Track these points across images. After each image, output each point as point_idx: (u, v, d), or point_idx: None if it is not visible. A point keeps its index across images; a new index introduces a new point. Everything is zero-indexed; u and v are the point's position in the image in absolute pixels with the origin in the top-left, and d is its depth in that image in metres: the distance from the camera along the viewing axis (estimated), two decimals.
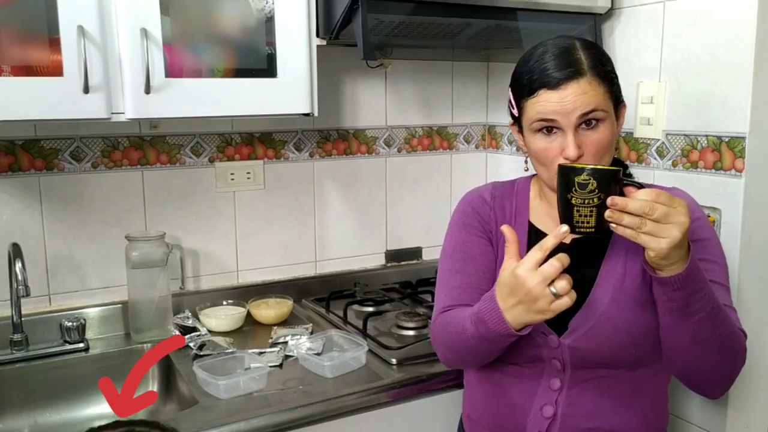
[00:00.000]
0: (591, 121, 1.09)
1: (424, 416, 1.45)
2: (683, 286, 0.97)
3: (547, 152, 1.11)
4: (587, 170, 0.97)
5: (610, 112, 1.11)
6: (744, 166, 1.39)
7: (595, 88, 1.08)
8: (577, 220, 0.99)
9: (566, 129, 1.08)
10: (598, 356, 1.11)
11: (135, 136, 1.72)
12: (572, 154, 1.07)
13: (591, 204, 0.97)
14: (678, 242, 0.92)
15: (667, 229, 0.92)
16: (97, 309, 1.69)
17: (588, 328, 1.10)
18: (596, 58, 1.10)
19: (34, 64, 1.30)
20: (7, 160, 1.59)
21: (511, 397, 1.18)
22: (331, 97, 1.93)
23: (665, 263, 0.95)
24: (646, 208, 0.92)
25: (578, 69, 1.08)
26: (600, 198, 0.96)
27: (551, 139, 1.10)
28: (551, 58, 1.09)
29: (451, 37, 1.71)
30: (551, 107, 1.08)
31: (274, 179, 1.90)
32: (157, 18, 1.36)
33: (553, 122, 1.09)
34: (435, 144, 2.13)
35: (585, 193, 0.97)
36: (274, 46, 1.49)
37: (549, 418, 1.14)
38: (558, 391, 1.14)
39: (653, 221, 0.92)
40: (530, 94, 1.11)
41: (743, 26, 1.36)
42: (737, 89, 1.38)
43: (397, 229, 2.11)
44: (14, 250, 1.47)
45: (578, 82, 1.07)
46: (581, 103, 1.07)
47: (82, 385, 1.56)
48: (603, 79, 1.09)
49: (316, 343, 1.54)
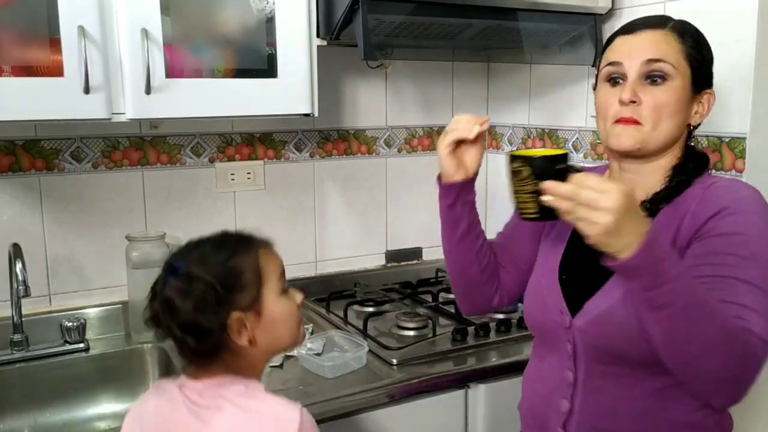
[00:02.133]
0: (657, 78, 1.05)
1: (424, 416, 1.45)
2: (636, 277, 0.90)
3: (606, 100, 1.08)
4: (520, 157, 0.98)
5: (681, 72, 1.05)
6: (744, 167, 1.39)
7: (670, 43, 1.05)
8: (520, 207, 1.01)
9: (630, 73, 1.05)
10: (608, 346, 1.06)
11: (135, 137, 1.72)
12: (626, 97, 1.04)
13: (527, 190, 0.98)
14: (612, 229, 0.86)
15: (597, 214, 0.87)
16: (97, 309, 1.69)
17: (599, 312, 1.07)
18: (684, 24, 1.09)
19: (35, 65, 1.30)
20: (7, 161, 1.59)
21: (538, 388, 1.19)
22: (331, 97, 1.93)
23: (610, 250, 0.89)
24: (574, 192, 0.88)
25: (660, 20, 1.08)
26: (536, 184, 0.96)
27: (614, 91, 1.07)
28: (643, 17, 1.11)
29: (451, 37, 1.71)
30: (621, 49, 1.08)
31: (275, 179, 1.90)
32: (158, 18, 1.36)
33: (619, 67, 1.07)
34: (435, 144, 2.13)
35: (519, 180, 0.98)
36: (274, 46, 1.49)
37: (565, 413, 1.11)
38: (573, 385, 1.10)
39: (584, 206, 0.88)
40: (609, 42, 1.12)
41: (744, 27, 1.36)
42: (738, 90, 1.38)
43: (397, 229, 2.11)
44: (15, 251, 1.47)
45: (653, 32, 1.06)
46: (649, 48, 1.04)
47: (83, 385, 1.56)
48: (684, 39, 1.06)
49: (317, 343, 1.54)
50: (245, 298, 0.97)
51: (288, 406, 0.97)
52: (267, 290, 0.99)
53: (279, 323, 1.00)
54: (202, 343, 0.95)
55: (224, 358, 0.99)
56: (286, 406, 0.97)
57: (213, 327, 0.94)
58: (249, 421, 0.95)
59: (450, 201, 1.18)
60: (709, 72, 1.10)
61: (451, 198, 1.17)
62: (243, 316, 0.96)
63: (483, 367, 1.49)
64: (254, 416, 0.95)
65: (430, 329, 1.63)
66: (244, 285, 0.97)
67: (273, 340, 1.01)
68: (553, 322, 1.13)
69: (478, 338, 1.60)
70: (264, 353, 1.02)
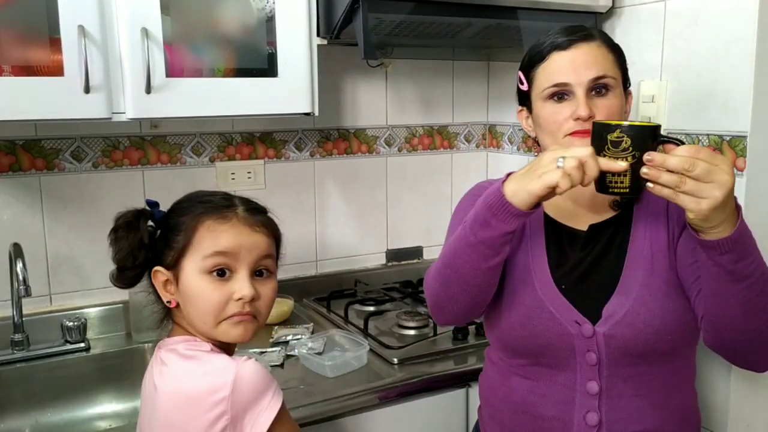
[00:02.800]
0: (602, 89, 1.08)
1: (425, 415, 1.45)
2: (729, 251, 0.89)
3: (556, 116, 1.09)
4: (621, 127, 0.92)
5: (619, 82, 1.10)
6: (745, 165, 1.38)
7: (605, 55, 1.09)
8: (610, 180, 0.94)
9: (577, 91, 1.07)
10: (635, 345, 1.05)
11: (135, 136, 1.72)
12: (584, 113, 1.05)
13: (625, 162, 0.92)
14: (720, 203, 0.85)
15: (708, 188, 0.84)
16: (98, 309, 1.69)
17: (623, 314, 1.05)
18: (600, 31, 1.14)
19: (35, 64, 1.29)
20: (7, 160, 1.59)
21: (546, 409, 1.10)
22: (331, 96, 1.93)
23: (707, 225, 0.88)
24: (686, 164, 0.85)
25: (589, 33, 1.10)
26: (635, 156, 0.91)
27: (562, 105, 1.09)
28: (561, 29, 1.12)
29: (451, 36, 1.71)
30: (563, 67, 1.08)
31: (275, 179, 1.90)
32: (158, 18, 1.36)
33: (564, 86, 1.08)
34: (436, 143, 2.13)
35: (618, 152, 0.92)
36: (274, 45, 1.49)
37: (595, 426, 1.07)
38: (597, 395, 1.07)
39: (693, 179, 0.85)
40: (541, 59, 1.11)
41: (744, 25, 1.36)
42: (738, 88, 1.38)
43: (397, 228, 2.11)
44: (15, 250, 1.47)
45: (589, 45, 1.09)
46: (593, 65, 1.07)
47: (83, 384, 1.56)
48: (612, 48, 1.11)
49: (317, 342, 1.54)
50: (167, 257, 0.99)
51: (230, 359, 0.96)
52: (187, 261, 0.97)
53: (191, 300, 0.98)
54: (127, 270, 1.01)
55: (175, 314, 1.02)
56: (228, 359, 0.96)
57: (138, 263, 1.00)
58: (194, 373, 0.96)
59: (515, 227, 0.99)
60: (627, 74, 1.16)
61: (518, 224, 0.99)
62: (164, 273, 0.99)
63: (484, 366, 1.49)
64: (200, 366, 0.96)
65: (431, 328, 1.63)
66: (172, 244, 0.99)
67: (189, 314, 0.99)
68: (566, 336, 1.07)
69: (478, 337, 1.60)
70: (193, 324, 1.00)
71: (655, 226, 1.11)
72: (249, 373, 0.94)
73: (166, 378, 0.97)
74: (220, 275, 0.96)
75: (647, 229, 1.11)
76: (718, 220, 0.88)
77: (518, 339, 1.12)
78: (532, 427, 1.12)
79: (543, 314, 1.09)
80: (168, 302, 1.00)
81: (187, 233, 0.98)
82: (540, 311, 1.09)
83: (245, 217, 1.00)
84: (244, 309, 0.96)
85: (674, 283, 1.07)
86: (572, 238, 1.15)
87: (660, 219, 1.11)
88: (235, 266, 0.97)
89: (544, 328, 1.08)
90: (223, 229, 0.97)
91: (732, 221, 0.89)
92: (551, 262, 1.13)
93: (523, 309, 1.11)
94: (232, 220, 0.98)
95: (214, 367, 0.95)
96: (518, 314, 1.11)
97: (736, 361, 1.07)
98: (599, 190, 0.97)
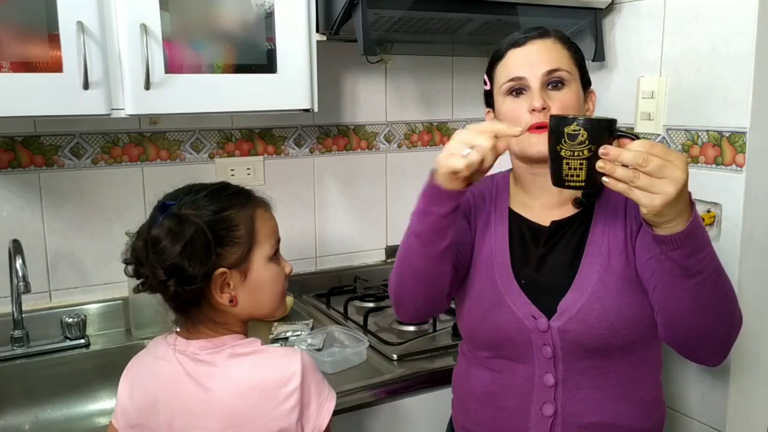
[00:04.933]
0: (558, 84, 1.11)
1: (424, 412, 1.45)
2: (682, 246, 0.90)
3: (514, 111, 1.12)
4: (578, 120, 0.92)
5: (575, 76, 1.13)
6: (745, 161, 1.38)
7: (559, 50, 1.13)
8: (566, 174, 0.94)
9: (533, 84, 1.10)
10: (589, 340, 1.08)
11: (135, 132, 1.72)
12: (537, 104, 1.08)
13: (581, 156, 0.92)
14: (672, 199, 0.85)
15: (661, 184, 0.85)
16: (97, 305, 1.69)
17: (577, 310, 1.08)
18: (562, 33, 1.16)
19: (34, 60, 1.29)
20: (6, 157, 1.59)
21: (506, 400, 1.15)
22: (331, 92, 1.93)
23: (660, 221, 0.89)
24: (639, 159, 0.85)
25: (543, 31, 1.14)
26: (591, 150, 0.90)
27: (519, 100, 1.12)
28: (520, 31, 1.16)
29: (451, 32, 1.71)
30: (519, 62, 1.12)
31: (275, 175, 1.90)
32: (157, 13, 1.36)
33: (520, 80, 1.11)
34: (435, 139, 2.13)
35: (575, 145, 0.92)
36: (273, 41, 1.49)
37: (550, 417, 1.11)
38: (554, 387, 1.11)
39: (647, 174, 0.86)
40: (500, 57, 1.16)
41: (744, 21, 1.36)
42: (738, 84, 1.38)
43: (397, 224, 2.10)
44: (15, 247, 1.47)
45: (543, 41, 1.13)
46: (546, 59, 1.11)
47: (83, 381, 1.56)
48: (568, 45, 1.15)
49: (317, 338, 1.54)
50: (234, 255, 0.95)
51: (288, 349, 1.00)
52: (258, 252, 0.97)
53: (263, 288, 0.99)
54: (183, 290, 0.92)
55: (206, 314, 0.98)
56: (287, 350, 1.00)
57: (197, 275, 0.92)
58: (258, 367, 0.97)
59: (449, 208, 1.03)
60: (586, 70, 1.18)
61: (451, 205, 1.03)
62: (228, 273, 0.95)
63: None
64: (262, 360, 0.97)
65: (430, 325, 1.63)
66: (236, 241, 0.95)
67: (254, 305, 1.00)
68: (524, 330, 1.11)
69: None
70: (243, 315, 1.01)
71: (614, 223, 1.13)
72: (310, 362, 0.98)
73: (221, 377, 0.96)
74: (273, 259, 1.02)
75: (606, 225, 1.13)
76: (670, 216, 0.88)
77: (479, 332, 1.16)
78: (495, 418, 1.16)
79: (502, 308, 1.12)
80: (230, 302, 0.97)
81: (247, 226, 0.98)
82: (499, 305, 1.13)
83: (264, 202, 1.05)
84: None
85: (631, 278, 1.09)
86: (535, 233, 1.17)
87: (619, 215, 1.13)
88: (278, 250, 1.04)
89: (503, 321, 1.12)
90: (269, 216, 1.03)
91: (685, 216, 0.89)
92: (513, 256, 1.16)
93: (484, 302, 1.15)
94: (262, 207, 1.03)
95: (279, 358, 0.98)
96: (479, 307, 1.15)
97: (689, 356, 1.08)
98: (555, 184, 0.97)
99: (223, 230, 0.95)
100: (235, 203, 0.98)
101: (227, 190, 1.01)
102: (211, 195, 0.99)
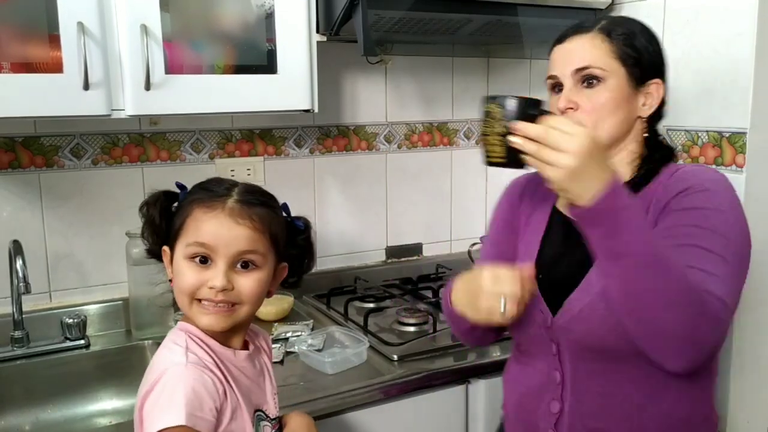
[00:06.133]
0: (591, 81, 1.08)
1: (425, 412, 1.45)
2: (597, 224, 0.90)
3: (553, 107, 1.11)
4: (497, 98, 0.96)
5: (614, 72, 1.07)
6: (745, 162, 1.38)
7: (596, 46, 1.08)
8: (488, 150, 0.99)
9: (565, 82, 1.09)
10: (591, 341, 1.06)
11: (135, 133, 1.72)
12: (562, 106, 1.07)
13: (497, 132, 0.96)
14: (572, 172, 0.87)
15: (561, 157, 0.87)
16: (97, 306, 1.69)
17: (580, 309, 1.06)
18: (614, 21, 1.11)
19: (34, 61, 1.30)
20: (7, 157, 1.59)
21: (526, 388, 1.18)
22: (331, 93, 1.93)
23: (568, 195, 0.90)
24: (542, 132, 0.88)
25: (584, 26, 1.10)
26: (506, 127, 0.94)
27: (557, 97, 1.11)
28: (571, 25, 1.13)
29: (451, 32, 1.71)
30: (556, 60, 1.11)
31: (275, 176, 1.90)
32: (157, 14, 1.36)
33: (554, 79, 1.11)
34: (435, 140, 2.13)
35: (493, 121, 0.96)
36: (274, 42, 1.49)
37: (556, 414, 1.11)
38: (560, 384, 1.10)
39: (549, 148, 0.88)
40: (549, 53, 1.14)
41: (744, 21, 1.36)
42: (738, 85, 1.38)
43: (397, 225, 2.11)
44: (15, 247, 1.47)
45: (582, 37, 1.09)
46: (578, 56, 1.08)
47: (83, 381, 1.56)
48: (612, 39, 1.08)
49: (317, 339, 1.54)
50: (171, 239, 1.01)
51: (171, 361, 0.95)
52: (178, 244, 0.99)
53: (174, 280, 1.00)
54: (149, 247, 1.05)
55: None
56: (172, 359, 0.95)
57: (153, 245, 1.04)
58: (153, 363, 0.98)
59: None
60: (653, 63, 1.11)
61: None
62: (166, 252, 1.02)
63: (483, 363, 1.49)
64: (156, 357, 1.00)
65: (431, 325, 1.63)
66: (174, 228, 1.01)
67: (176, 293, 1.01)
68: (534, 323, 1.12)
69: None
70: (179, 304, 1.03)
71: None
72: (170, 378, 0.92)
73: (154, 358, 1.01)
74: (202, 262, 0.97)
75: None
76: (579, 191, 0.89)
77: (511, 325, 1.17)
78: (519, 404, 1.20)
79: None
80: (169, 280, 1.03)
81: (181, 218, 0.99)
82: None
83: (234, 208, 0.97)
84: (216, 297, 0.96)
85: None
86: (568, 230, 1.15)
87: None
88: (214, 257, 0.96)
89: (522, 315, 1.10)
90: (206, 219, 0.97)
91: (600, 194, 0.88)
92: (541, 251, 1.17)
93: None
94: (217, 210, 0.97)
95: (158, 364, 0.97)
96: None
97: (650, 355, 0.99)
98: (483, 162, 1.02)
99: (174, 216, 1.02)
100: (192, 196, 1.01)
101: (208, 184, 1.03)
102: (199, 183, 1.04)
